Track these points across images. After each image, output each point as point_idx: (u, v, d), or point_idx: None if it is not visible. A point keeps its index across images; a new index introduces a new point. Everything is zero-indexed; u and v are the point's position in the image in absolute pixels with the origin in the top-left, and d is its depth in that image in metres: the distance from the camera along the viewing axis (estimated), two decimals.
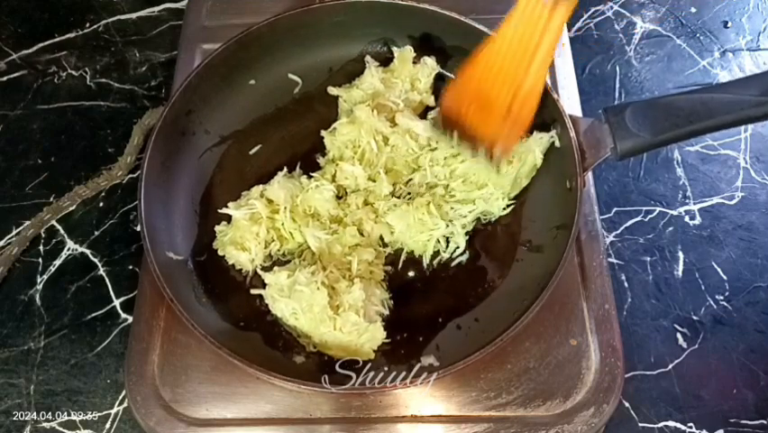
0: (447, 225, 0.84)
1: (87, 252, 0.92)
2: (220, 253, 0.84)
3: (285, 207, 0.83)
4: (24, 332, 0.87)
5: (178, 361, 0.80)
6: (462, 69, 0.81)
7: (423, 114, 0.93)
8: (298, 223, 0.84)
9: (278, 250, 0.85)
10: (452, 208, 0.86)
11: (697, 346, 0.85)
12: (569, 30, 1.07)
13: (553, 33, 0.73)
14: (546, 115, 0.84)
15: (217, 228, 0.85)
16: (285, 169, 0.87)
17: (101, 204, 0.96)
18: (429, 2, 0.90)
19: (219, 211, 0.84)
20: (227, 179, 0.91)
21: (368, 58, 0.95)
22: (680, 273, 0.90)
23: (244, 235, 0.82)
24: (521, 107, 0.78)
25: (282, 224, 0.84)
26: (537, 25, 0.73)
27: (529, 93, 0.77)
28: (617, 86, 1.06)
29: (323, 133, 0.90)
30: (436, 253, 0.85)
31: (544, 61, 0.75)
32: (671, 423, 0.80)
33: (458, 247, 0.85)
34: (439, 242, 0.85)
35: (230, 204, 0.84)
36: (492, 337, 0.70)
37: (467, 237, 0.85)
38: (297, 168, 0.90)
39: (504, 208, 0.87)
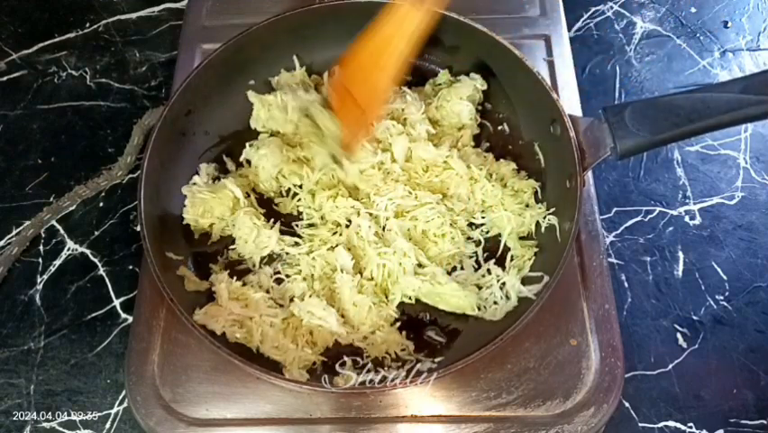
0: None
1: (87, 252, 0.92)
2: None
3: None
4: (24, 332, 0.87)
5: (178, 361, 0.80)
6: (343, 58, 0.83)
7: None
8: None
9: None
10: None
11: (697, 346, 0.85)
12: (569, 30, 1.07)
13: (404, 38, 0.77)
14: (546, 114, 0.84)
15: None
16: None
17: (101, 204, 0.96)
18: None
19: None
20: None
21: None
22: (680, 273, 0.90)
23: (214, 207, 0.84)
24: (369, 104, 0.82)
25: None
26: (396, 29, 0.78)
27: (375, 95, 0.82)
28: (617, 86, 1.06)
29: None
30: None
31: (393, 64, 0.79)
32: (671, 423, 0.80)
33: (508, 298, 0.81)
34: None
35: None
36: (492, 337, 0.70)
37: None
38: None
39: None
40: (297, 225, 0.87)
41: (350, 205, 0.85)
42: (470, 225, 0.86)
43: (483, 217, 0.85)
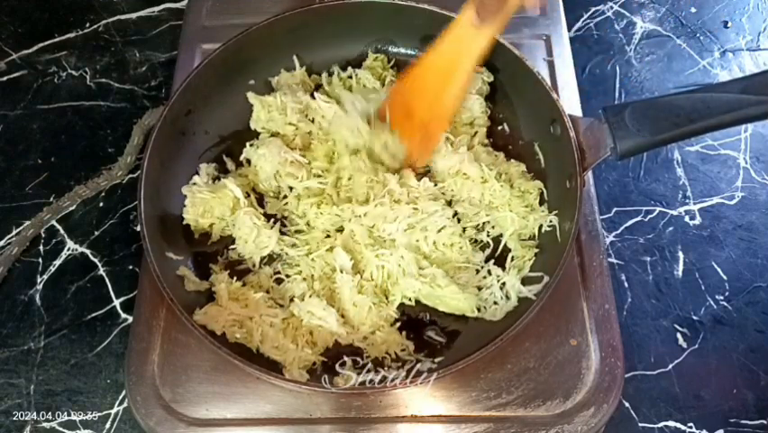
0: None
1: (87, 252, 0.92)
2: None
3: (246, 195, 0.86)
4: (24, 332, 0.87)
5: (178, 361, 0.80)
6: (403, 74, 0.85)
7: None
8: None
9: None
10: None
11: (697, 346, 0.85)
12: (569, 30, 1.07)
13: (472, 58, 0.79)
14: (546, 114, 0.84)
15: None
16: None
17: (101, 204, 0.96)
18: (429, 2, 0.90)
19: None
20: None
21: None
22: (680, 273, 0.90)
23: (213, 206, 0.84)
24: (433, 124, 0.84)
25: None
26: (462, 48, 0.79)
27: (442, 112, 0.83)
28: (617, 86, 1.06)
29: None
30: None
31: (459, 85, 0.82)
32: (671, 423, 0.80)
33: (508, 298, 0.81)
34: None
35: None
36: (492, 338, 0.70)
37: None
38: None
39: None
40: (288, 232, 0.86)
41: (334, 213, 0.84)
42: (476, 226, 0.86)
43: (487, 215, 0.85)
